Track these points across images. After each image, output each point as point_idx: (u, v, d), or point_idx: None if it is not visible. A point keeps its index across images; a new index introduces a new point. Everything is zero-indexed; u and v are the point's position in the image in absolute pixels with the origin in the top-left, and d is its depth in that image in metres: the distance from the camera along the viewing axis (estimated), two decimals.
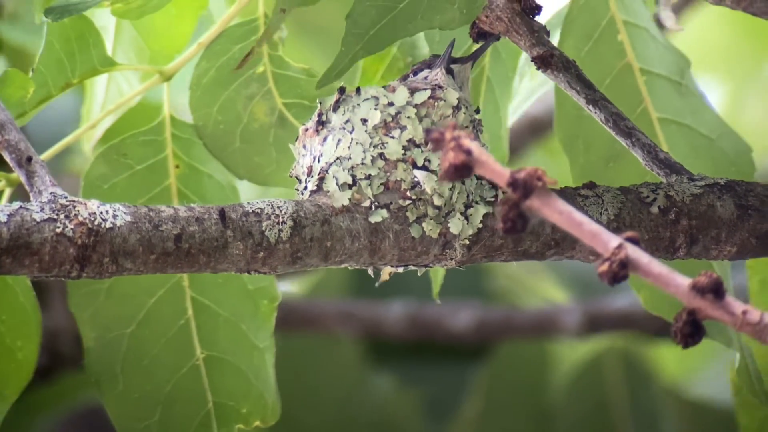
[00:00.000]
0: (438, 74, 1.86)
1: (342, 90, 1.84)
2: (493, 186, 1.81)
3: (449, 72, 1.87)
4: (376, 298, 3.44)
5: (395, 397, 3.48)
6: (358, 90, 1.84)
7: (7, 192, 1.96)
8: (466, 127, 1.83)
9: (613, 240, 1.31)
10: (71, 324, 3.16)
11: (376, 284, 1.87)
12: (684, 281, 1.31)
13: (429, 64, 1.88)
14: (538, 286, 3.72)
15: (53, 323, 3.27)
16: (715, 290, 1.30)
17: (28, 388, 3.30)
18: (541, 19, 1.91)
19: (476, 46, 2.05)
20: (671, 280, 1.30)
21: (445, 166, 1.30)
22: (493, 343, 3.46)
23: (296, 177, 1.87)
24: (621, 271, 1.30)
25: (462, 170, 1.30)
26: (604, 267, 1.31)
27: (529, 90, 2.18)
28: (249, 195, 2.04)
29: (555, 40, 2.01)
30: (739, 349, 1.96)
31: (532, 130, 3.43)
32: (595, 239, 1.32)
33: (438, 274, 2.11)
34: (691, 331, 1.31)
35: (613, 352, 3.48)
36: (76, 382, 3.38)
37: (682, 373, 3.66)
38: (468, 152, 1.31)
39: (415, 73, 1.88)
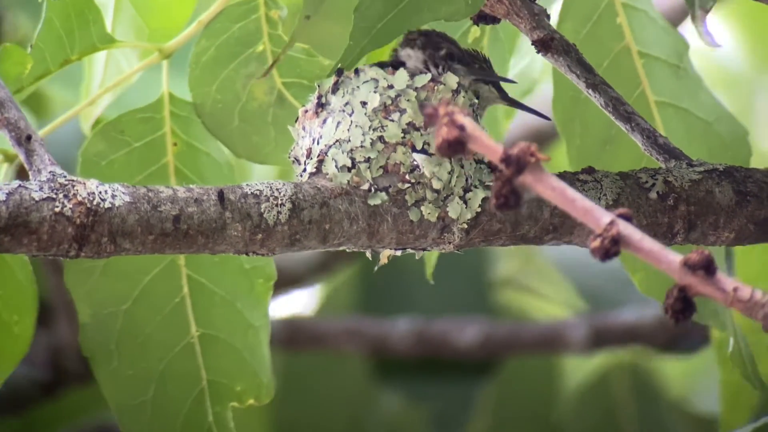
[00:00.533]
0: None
1: (340, 72, 1.84)
2: (492, 170, 1.81)
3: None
4: (382, 315, 3.45)
5: (402, 413, 3.49)
6: (356, 71, 1.83)
7: (5, 167, 1.96)
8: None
9: (605, 216, 1.32)
10: (76, 340, 3.18)
11: (375, 268, 1.87)
12: (675, 258, 1.31)
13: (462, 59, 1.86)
14: (544, 301, 3.72)
15: (58, 339, 3.29)
16: (707, 267, 1.30)
17: (34, 405, 3.31)
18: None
19: (475, 28, 2.06)
20: (663, 256, 1.31)
21: (439, 141, 1.30)
22: (500, 358, 3.46)
23: (295, 158, 1.87)
24: (613, 248, 1.31)
25: (455, 146, 1.30)
26: (596, 243, 1.31)
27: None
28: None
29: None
30: (733, 334, 1.97)
31: (537, 142, 3.42)
32: (588, 215, 1.32)
33: (432, 255, 2.11)
34: (682, 307, 1.32)
35: (620, 366, 3.47)
36: (81, 399, 3.38)
37: (689, 387, 3.66)
38: (461, 128, 1.31)
39: (451, 57, 1.85)
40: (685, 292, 1.33)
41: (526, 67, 2.14)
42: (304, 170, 1.83)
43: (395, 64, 1.86)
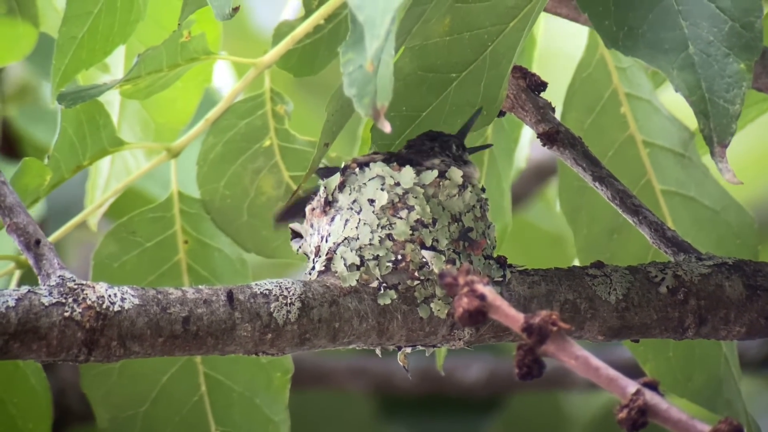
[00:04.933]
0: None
1: (344, 170, 1.84)
2: (501, 265, 1.81)
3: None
4: (386, 352, 3.43)
5: None
6: (361, 166, 1.84)
7: (17, 274, 1.97)
8: (474, 206, 1.83)
9: (630, 386, 1.30)
10: (79, 380, 3.18)
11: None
12: (704, 428, 1.29)
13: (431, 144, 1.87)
14: None
15: (60, 379, 3.28)
16: None
17: None
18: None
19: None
20: (691, 427, 1.28)
21: (459, 312, 1.29)
22: (505, 395, 3.44)
23: (304, 253, 1.87)
24: (640, 419, 1.29)
25: (476, 316, 1.30)
26: (623, 414, 1.29)
27: None
28: None
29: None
30: (746, 424, 1.96)
31: (538, 177, 3.42)
32: (612, 385, 1.30)
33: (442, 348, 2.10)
34: None
35: None
36: None
37: None
38: (482, 297, 1.30)
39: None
40: None
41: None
42: (313, 268, 1.83)
43: (405, 157, 1.86)
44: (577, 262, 2.05)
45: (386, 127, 1.55)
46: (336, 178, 1.84)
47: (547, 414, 3.50)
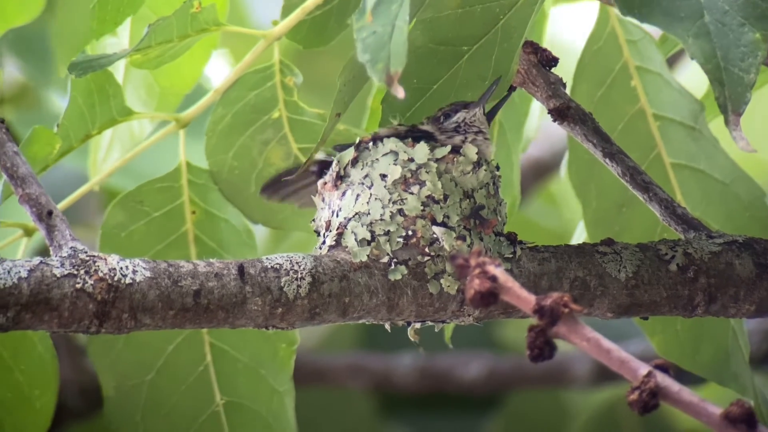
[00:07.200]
0: (477, 114, 1.84)
1: (359, 145, 1.84)
2: (512, 242, 1.81)
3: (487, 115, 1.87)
4: (385, 350, 3.43)
5: None
6: (374, 141, 1.83)
7: (24, 242, 1.97)
8: (487, 183, 1.83)
9: (642, 368, 1.30)
10: (77, 377, 3.18)
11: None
12: (716, 410, 1.29)
13: (456, 109, 1.86)
14: None
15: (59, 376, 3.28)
16: (748, 420, 1.28)
17: None
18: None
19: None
20: (702, 409, 1.29)
21: (471, 293, 1.29)
22: (505, 393, 3.45)
23: (315, 231, 1.87)
24: (651, 401, 1.29)
25: (488, 297, 1.30)
26: (634, 396, 1.30)
27: None
28: None
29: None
30: (754, 397, 1.97)
31: (536, 173, 3.40)
32: (624, 367, 1.31)
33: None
34: None
35: None
36: None
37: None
38: (493, 279, 1.30)
39: (447, 116, 1.86)
40: None
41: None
42: (324, 242, 1.83)
43: (417, 132, 1.86)
44: (585, 238, 2.05)
45: (400, 93, 1.55)
46: (350, 153, 1.84)
47: (547, 411, 3.50)
